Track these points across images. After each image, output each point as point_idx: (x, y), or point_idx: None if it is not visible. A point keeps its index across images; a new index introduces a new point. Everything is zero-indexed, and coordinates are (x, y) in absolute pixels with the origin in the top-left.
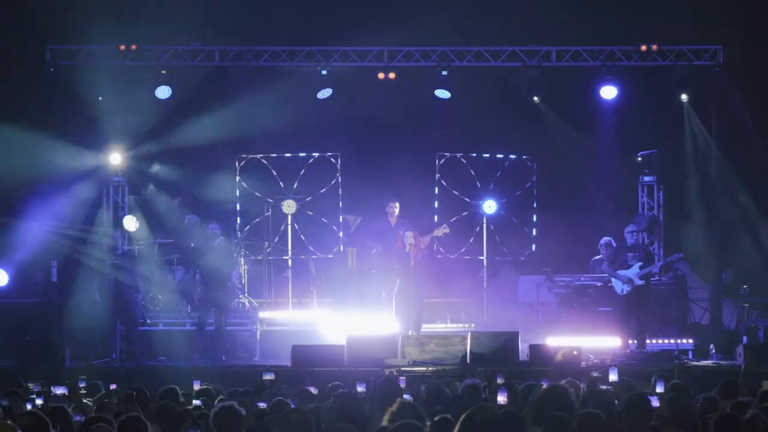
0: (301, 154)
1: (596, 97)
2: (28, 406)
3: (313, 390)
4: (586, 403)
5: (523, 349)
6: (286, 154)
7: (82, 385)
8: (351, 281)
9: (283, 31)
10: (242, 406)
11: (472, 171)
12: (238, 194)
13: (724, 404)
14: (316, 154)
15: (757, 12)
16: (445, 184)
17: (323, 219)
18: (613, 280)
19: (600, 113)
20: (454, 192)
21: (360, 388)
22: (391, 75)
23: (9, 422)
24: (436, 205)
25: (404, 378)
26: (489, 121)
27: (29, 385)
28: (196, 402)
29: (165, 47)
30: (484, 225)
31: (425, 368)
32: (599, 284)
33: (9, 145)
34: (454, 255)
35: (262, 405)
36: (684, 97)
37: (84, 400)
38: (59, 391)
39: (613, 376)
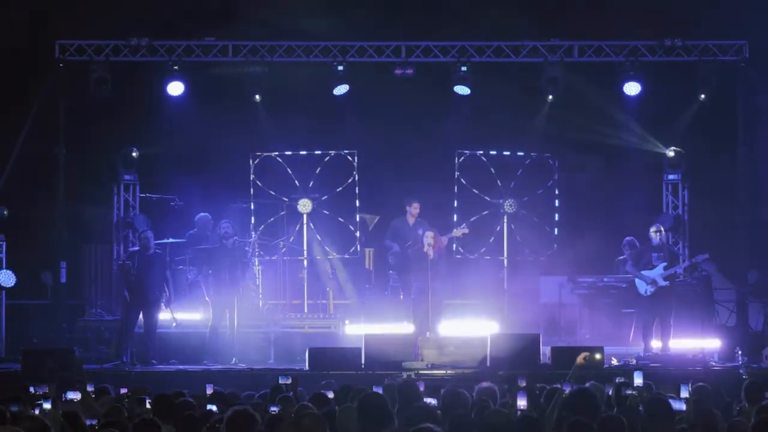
0: (316, 152)
1: (620, 93)
2: (36, 411)
3: (329, 394)
4: (612, 408)
5: (544, 351)
6: (302, 152)
7: (90, 389)
8: (368, 282)
9: (298, 25)
10: (257, 410)
11: (492, 169)
12: (252, 193)
13: (750, 408)
14: (332, 152)
15: None
16: (464, 182)
17: (340, 218)
18: (636, 280)
19: (623, 110)
20: (474, 191)
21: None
22: (409, 71)
23: (16, 428)
24: (455, 204)
25: (423, 382)
26: (509, 118)
27: (37, 389)
28: (210, 406)
29: (177, 42)
30: (505, 224)
31: (444, 371)
32: (623, 285)
33: None
34: (474, 255)
35: (274, 409)
36: (702, 96)
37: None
38: (72, 395)
39: (638, 380)
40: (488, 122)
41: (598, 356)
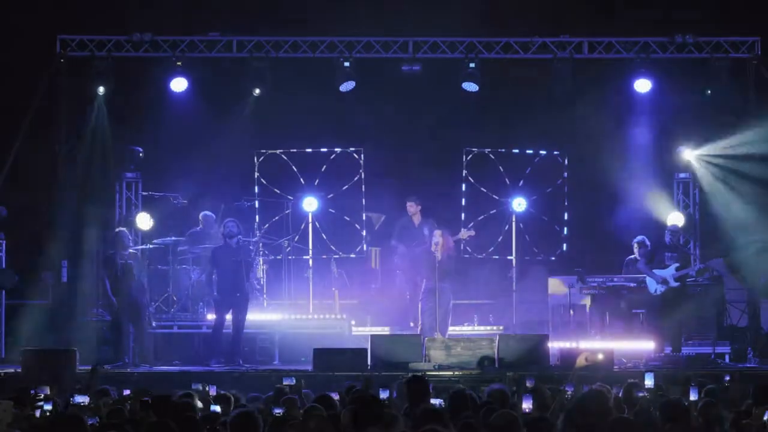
0: (322, 149)
1: (630, 90)
2: (37, 414)
3: (335, 395)
4: (622, 410)
5: (553, 352)
6: (307, 149)
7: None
8: (374, 282)
9: (304, 20)
10: (260, 412)
11: (500, 167)
12: (256, 191)
13: (759, 410)
14: (338, 150)
15: None
16: (472, 180)
17: (345, 217)
18: (647, 279)
19: (634, 107)
20: (482, 189)
21: (383, 395)
22: (416, 67)
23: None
24: (463, 203)
25: (430, 383)
26: (518, 116)
27: (37, 391)
28: (215, 408)
29: (181, 37)
30: (513, 223)
31: (451, 372)
32: (633, 285)
33: None
34: (482, 255)
35: (278, 411)
36: (708, 92)
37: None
38: (79, 399)
39: (648, 382)
40: (496, 119)
41: (599, 357)
